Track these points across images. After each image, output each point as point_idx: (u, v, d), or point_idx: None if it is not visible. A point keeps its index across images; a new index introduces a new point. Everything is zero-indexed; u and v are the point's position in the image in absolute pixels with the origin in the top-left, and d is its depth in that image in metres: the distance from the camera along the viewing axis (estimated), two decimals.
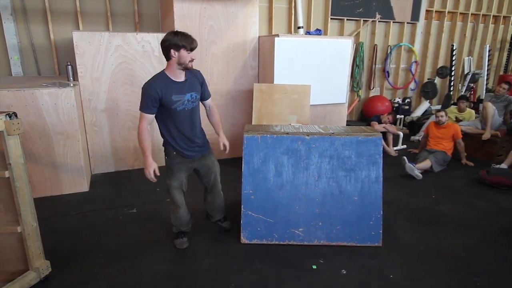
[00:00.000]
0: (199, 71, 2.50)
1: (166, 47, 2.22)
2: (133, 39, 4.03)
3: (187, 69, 2.32)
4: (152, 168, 2.34)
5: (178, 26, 4.18)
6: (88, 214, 3.27)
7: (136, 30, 4.74)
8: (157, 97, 2.23)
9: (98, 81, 4.00)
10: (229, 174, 4.33)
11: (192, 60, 2.28)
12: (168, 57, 2.25)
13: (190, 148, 2.49)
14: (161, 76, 2.29)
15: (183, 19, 4.19)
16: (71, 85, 3.65)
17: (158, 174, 2.37)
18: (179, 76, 2.31)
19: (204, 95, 2.55)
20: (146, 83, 2.27)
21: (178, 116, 2.35)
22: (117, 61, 4.01)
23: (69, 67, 3.95)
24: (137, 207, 3.42)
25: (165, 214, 3.30)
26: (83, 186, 3.74)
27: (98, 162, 4.24)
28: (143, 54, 4.11)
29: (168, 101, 2.27)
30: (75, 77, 4.00)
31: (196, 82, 2.43)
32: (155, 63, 4.19)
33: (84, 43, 3.83)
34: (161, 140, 2.51)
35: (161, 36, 4.12)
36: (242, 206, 2.78)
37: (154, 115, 2.31)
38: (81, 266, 2.52)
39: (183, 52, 2.22)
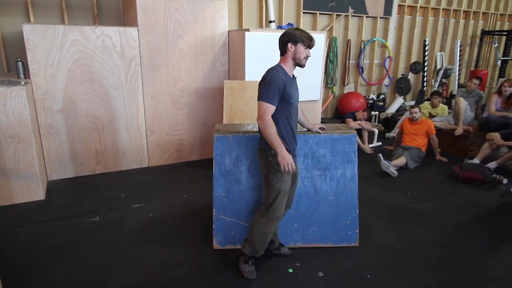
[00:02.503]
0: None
1: (284, 41, 2.27)
2: (92, 33, 3.91)
3: (300, 66, 2.33)
4: (291, 158, 2.23)
5: (142, 19, 4.09)
6: (44, 225, 3.14)
7: (95, 24, 4.59)
8: (282, 88, 2.21)
9: (53, 79, 3.84)
10: (199, 176, 4.30)
11: (306, 58, 2.30)
12: (284, 51, 2.30)
13: (294, 149, 2.42)
14: (281, 68, 2.29)
15: (147, 11, 4.11)
16: (22, 83, 3.49)
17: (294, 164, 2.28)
18: (291, 72, 2.34)
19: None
20: (270, 72, 2.24)
21: (293, 111, 2.34)
22: (74, 57, 3.87)
23: (20, 63, 3.77)
24: (100, 215, 3.32)
25: (131, 221, 3.23)
26: (38, 194, 3.58)
27: (55, 168, 4.07)
28: (103, 49, 3.99)
29: (289, 93, 2.26)
30: (27, 74, 3.82)
31: (296, 83, 2.45)
32: (117, 59, 4.08)
33: (36, 37, 3.67)
34: (123, 143, 2.42)
35: (122, 29, 4.04)
36: (213, 210, 2.76)
37: (275, 107, 2.24)
38: (38, 282, 2.41)
39: (300, 46, 2.26)
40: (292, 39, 2.25)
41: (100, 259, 2.67)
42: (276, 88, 2.19)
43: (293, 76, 2.38)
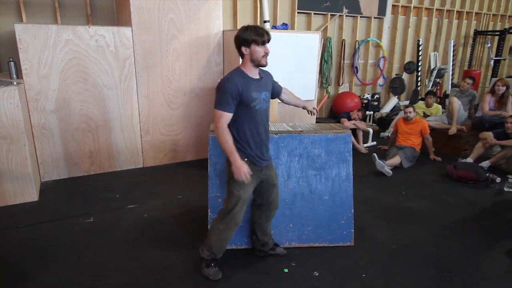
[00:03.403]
0: (268, 71, 2.40)
1: (237, 44, 2.19)
2: (85, 33, 3.88)
3: (261, 66, 2.23)
4: (245, 168, 2.17)
5: (136, 19, 4.07)
6: (38, 226, 3.11)
7: (88, 23, 4.56)
8: (237, 93, 2.12)
9: (46, 79, 3.81)
10: (194, 176, 4.29)
11: (265, 55, 2.19)
12: (241, 54, 2.22)
13: (262, 155, 2.32)
14: (238, 72, 2.21)
15: (141, 11, 4.09)
16: (15, 83, 3.45)
17: (251, 173, 2.21)
18: (255, 73, 2.24)
19: (276, 90, 2.51)
20: (224, 79, 2.19)
21: (256, 116, 2.24)
22: (67, 56, 3.84)
23: (12, 63, 3.74)
24: (94, 216, 3.30)
25: (126, 221, 3.21)
26: (32, 195, 3.55)
27: (48, 168, 4.04)
28: (96, 49, 3.97)
29: (248, 97, 2.16)
30: (19, 74, 3.79)
31: (268, 81, 2.36)
32: (111, 59, 4.06)
33: (29, 37, 3.64)
34: (117, 143, 2.40)
35: (116, 29, 4.02)
36: (209, 210, 2.75)
37: (232, 114, 2.17)
38: (32, 284, 2.39)
39: (254, 47, 2.14)
40: (244, 42, 2.15)
41: (95, 261, 2.65)
42: (229, 94, 2.11)
43: (259, 76, 2.27)
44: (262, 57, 2.18)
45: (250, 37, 2.13)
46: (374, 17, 7.20)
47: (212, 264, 2.48)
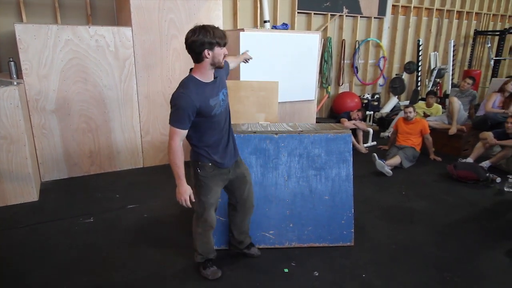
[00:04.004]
0: None
1: (198, 48, 1.97)
2: (85, 33, 3.88)
3: (220, 68, 2.10)
4: (188, 194, 2.13)
5: (136, 19, 4.07)
6: (38, 226, 3.11)
7: (88, 23, 4.57)
8: (195, 108, 2.00)
9: (46, 79, 3.81)
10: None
11: (224, 57, 2.07)
12: (199, 59, 2.02)
13: (226, 156, 2.25)
14: (192, 82, 2.06)
15: (141, 11, 4.09)
16: (15, 83, 3.45)
17: (193, 200, 2.17)
18: (210, 76, 2.11)
19: (228, 72, 2.40)
20: (177, 93, 2.02)
21: (217, 120, 2.15)
22: (68, 57, 3.85)
23: (12, 63, 3.74)
24: (94, 216, 3.30)
25: (126, 221, 3.21)
26: (32, 195, 3.55)
27: (48, 168, 4.04)
28: (97, 49, 3.97)
29: (207, 108, 2.05)
30: (19, 74, 3.79)
31: (222, 73, 2.23)
32: (111, 59, 4.06)
33: (29, 37, 3.64)
34: (117, 143, 2.39)
35: (116, 29, 4.02)
36: None
37: (187, 130, 2.07)
38: (32, 284, 2.39)
39: (217, 49, 2.00)
40: (208, 45, 1.97)
41: (95, 261, 2.65)
42: (183, 111, 1.99)
43: (214, 76, 2.14)
44: (223, 59, 2.08)
45: (214, 40, 1.97)
46: (374, 17, 7.20)
47: (209, 264, 2.49)
